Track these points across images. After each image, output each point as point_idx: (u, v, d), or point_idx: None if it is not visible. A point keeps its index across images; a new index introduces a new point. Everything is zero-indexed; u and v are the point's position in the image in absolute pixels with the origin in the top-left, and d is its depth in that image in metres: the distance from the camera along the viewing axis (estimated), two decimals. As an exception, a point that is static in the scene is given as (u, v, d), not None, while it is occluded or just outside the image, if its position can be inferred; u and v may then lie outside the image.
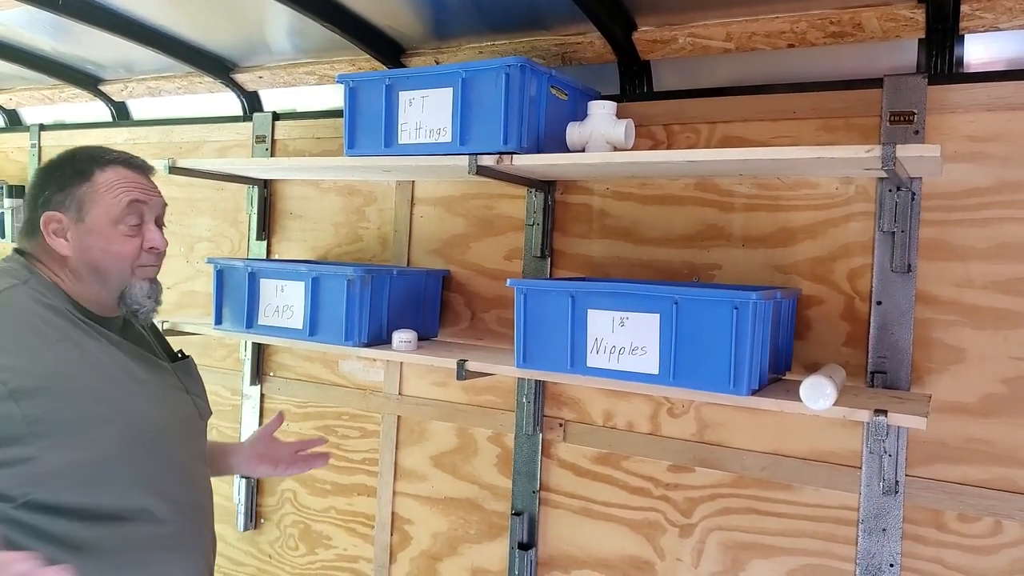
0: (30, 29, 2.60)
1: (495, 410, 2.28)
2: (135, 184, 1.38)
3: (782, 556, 1.91)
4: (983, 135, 1.70)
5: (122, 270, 1.37)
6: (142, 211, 1.38)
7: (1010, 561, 1.68)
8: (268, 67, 2.63)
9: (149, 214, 1.39)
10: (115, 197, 1.35)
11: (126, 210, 1.35)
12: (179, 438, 1.44)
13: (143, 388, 1.39)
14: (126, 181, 1.37)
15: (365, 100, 2.01)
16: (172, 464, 1.41)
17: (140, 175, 1.41)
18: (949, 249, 1.74)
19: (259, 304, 2.23)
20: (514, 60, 1.80)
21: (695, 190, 2.00)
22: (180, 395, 1.50)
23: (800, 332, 1.87)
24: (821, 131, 1.85)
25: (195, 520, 1.45)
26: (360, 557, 2.54)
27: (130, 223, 1.36)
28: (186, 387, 1.52)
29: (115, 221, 1.35)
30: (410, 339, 2.08)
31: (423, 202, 2.40)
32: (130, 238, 1.37)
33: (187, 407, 1.51)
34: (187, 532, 1.42)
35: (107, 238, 1.35)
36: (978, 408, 1.71)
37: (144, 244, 1.38)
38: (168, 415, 1.43)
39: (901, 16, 1.73)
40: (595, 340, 1.73)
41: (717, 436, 1.97)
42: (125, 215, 1.35)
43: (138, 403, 1.36)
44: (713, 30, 1.93)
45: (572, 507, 2.18)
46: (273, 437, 1.76)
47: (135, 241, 1.37)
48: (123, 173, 1.37)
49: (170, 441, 1.41)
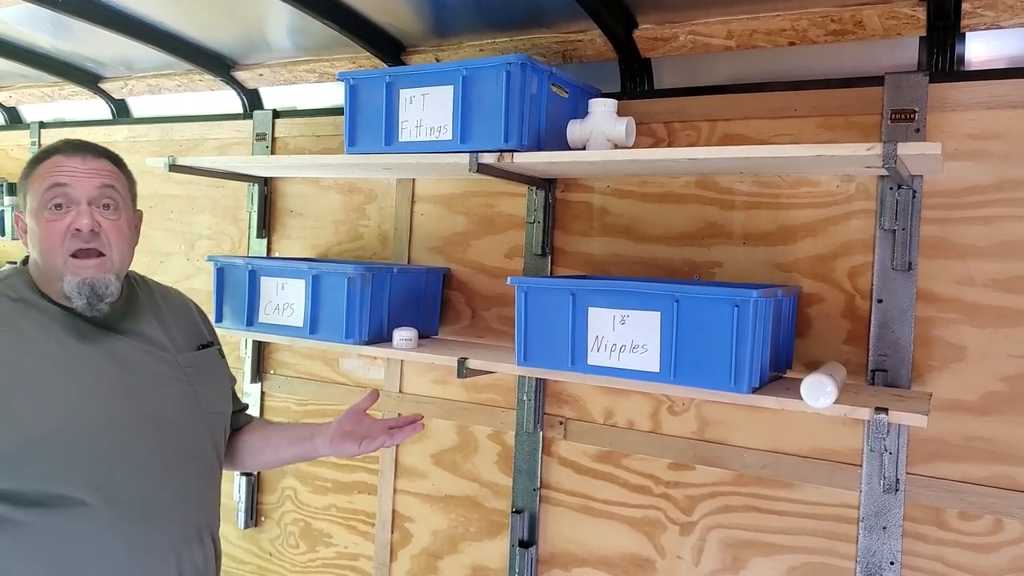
0: (30, 26, 2.60)
1: (496, 408, 2.28)
2: (61, 169, 1.37)
3: (783, 554, 1.91)
4: (984, 133, 1.70)
5: (52, 257, 1.35)
6: (67, 193, 1.35)
7: (1010, 559, 1.68)
8: (268, 65, 2.63)
9: (76, 195, 1.36)
10: (39, 183, 1.36)
11: (48, 194, 1.35)
12: (143, 431, 1.37)
13: (100, 378, 1.36)
14: (54, 167, 1.37)
15: (366, 98, 2.01)
16: (120, 457, 1.34)
17: (75, 157, 1.38)
18: (950, 247, 1.74)
19: (259, 302, 2.23)
20: (515, 58, 1.80)
21: (696, 188, 2.00)
22: (176, 387, 1.45)
23: (801, 330, 1.87)
24: (822, 129, 1.85)
25: (148, 517, 1.36)
26: (361, 555, 2.55)
27: (52, 205, 1.35)
28: (188, 378, 1.47)
29: (40, 207, 1.36)
30: (411, 337, 2.08)
31: (423, 200, 2.40)
32: (53, 222, 1.35)
33: (182, 399, 1.45)
34: (135, 529, 1.35)
35: (36, 224, 1.36)
36: (979, 406, 1.71)
37: (71, 226, 1.35)
38: (133, 407, 1.37)
39: (902, 14, 1.73)
40: (596, 338, 1.73)
41: (718, 434, 1.97)
42: (49, 200, 1.35)
43: (83, 393, 1.34)
44: (714, 28, 1.93)
45: (573, 505, 2.18)
46: (364, 414, 1.64)
47: (57, 225, 1.35)
48: (56, 160, 1.37)
49: (124, 433, 1.35)
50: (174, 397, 1.44)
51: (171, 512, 1.40)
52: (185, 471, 1.44)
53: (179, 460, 1.43)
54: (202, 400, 1.49)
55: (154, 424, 1.39)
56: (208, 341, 1.60)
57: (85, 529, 1.31)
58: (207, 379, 1.53)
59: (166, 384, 1.44)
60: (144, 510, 1.36)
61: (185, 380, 1.47)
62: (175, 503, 1.41)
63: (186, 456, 1.45)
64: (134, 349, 1.42)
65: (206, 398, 1.51)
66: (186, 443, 1.45)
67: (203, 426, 1.50)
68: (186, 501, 1.44)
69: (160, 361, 1.45)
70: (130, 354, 1.41)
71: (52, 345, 1.35)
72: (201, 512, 1.48)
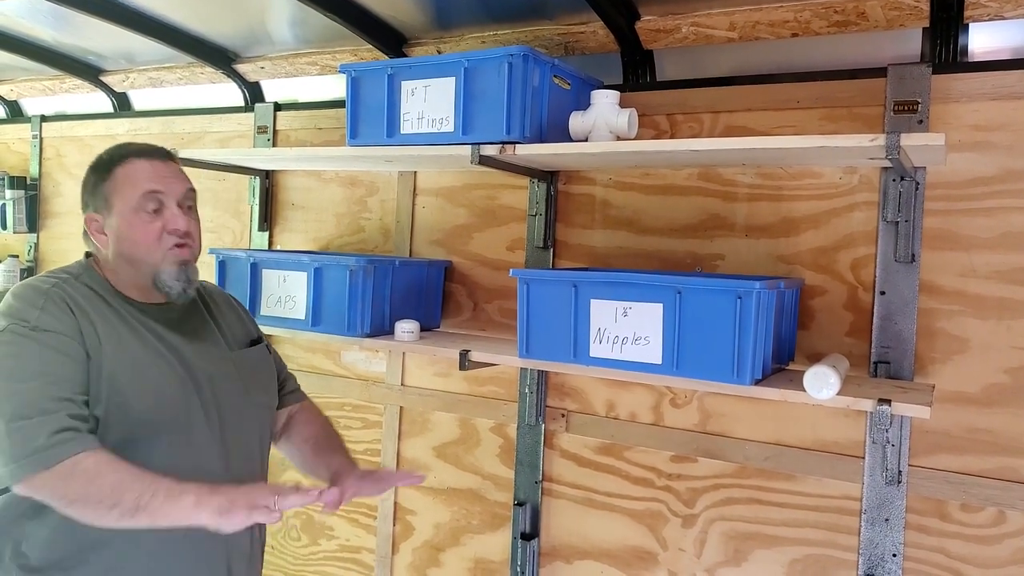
0: (31, 20, 2.59)
1: (498, 400, 2.28)
2: (151, 173, 1.48)
3: (785, 546, 1.91)
4: (987, 124, 1.70)
5: (149, 254, 1.46)
6: (160, 198, 1.47)
7: (1013, 551, 1.68)
8: (270, 57, 2.62)
9: (168, 199, 1.48)
10: (132, 188, 1.46)
11: (143, 199, 1.45)
12: (209, 422, 1.46)
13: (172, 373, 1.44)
14: (142, 171, 1.48)
15: (367, 90, 2.01)
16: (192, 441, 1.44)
17: (157, 163, 1.50)
18: (953, 239, 1.73)
19: (261, 295, 2.23)
20: (517, 50, 1.80)
21: (698, 180, 2.00)
22: (229, 383, 1.52)
23: (803, 322, 1.87)
24: (825, 120, 1.85)
25: None
26: (363, 547, 2.55)
27: (149, 209, 1.46)
28: (240, 374, 1.55)
29: (136, 209, 1.45)
30: (412, 330, 2.08)
31: (425, 192, 2.40)
32: (150, 223, 1.46)
33: (235, 394, 1.53)
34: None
35: (131, 226, 1.45)
36: (981, 398, 1.71)
37: (167, 226, 1.46)
38: (199, 400, 1.46)
39: (905, 5, 1.72)
40: (598, 330, 1.73)
41: (720, 426, 1.97)
42: (144, 202, 1.45)
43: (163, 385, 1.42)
44: (716, 19, 1.92)
45: (575, 497, 2.18)
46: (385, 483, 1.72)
47: (155, 225, 1.46)
48: (138, 164, 1.48)
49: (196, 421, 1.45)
50: (228, 391, 1.53)
51: None
52: (239, 463, 1.53)
53: (235, 452, 1.52)
54: (252, 396, 1.58)
55: (217, 416, 1.49)
56: (257, 337, 1.68)
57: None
58: (258, 375, 1.62)
59: (222, 379, 1.52)
60: None
61: (237, 376, 1.55)
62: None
63: (240, 448, 1.54)
64: (195, 346, 1.51)
65: (255, 393, 1.59)
66: (240, 436, 1.54)
67: (254, 421, 1.58)
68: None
69: (216, 358, 1.53)
70: (193, 350, 1.50)
71: (132, 339, 1.44)
72: None
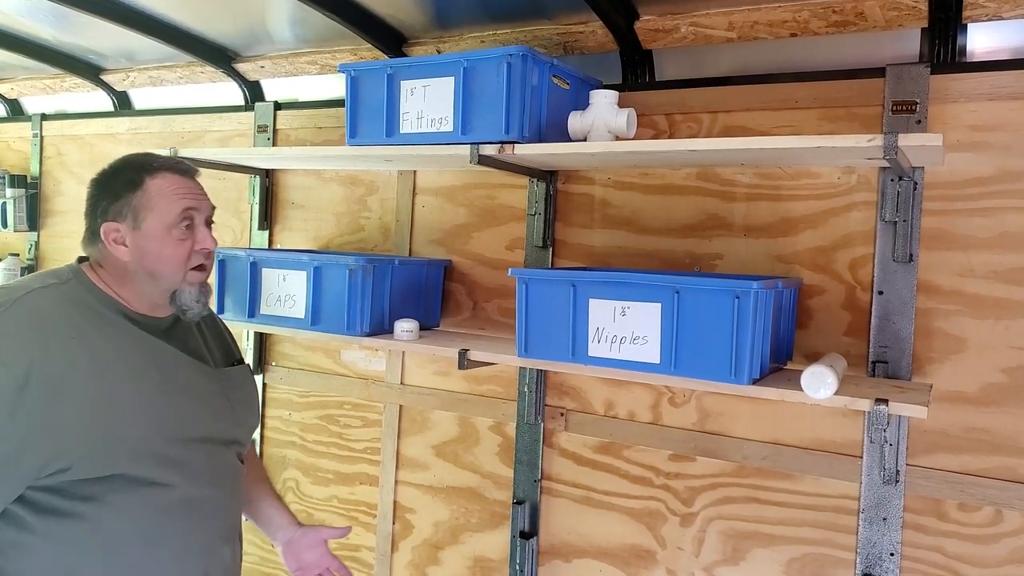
0: (32, 18, 2.59)
1: (497, 399, 2.29)
2: (185, 190, 1.44)
3: (783, 545, 1.91)
4: (985, 124, 1.70)
5: (175, 272, 1.43)
6: (192, 216, 1.44)
7: (1010, 550, 1.68)
8: (270, 56, 2.63)
9: (199, 217, 1.45)
10: (168, 204, 1.41)
11: (179, 216, 1.42)
12: (195, 434, 1.45)
13: (162, 387, 1.41)
14: (176, 187, 1.43)
15: (367, 89, 2.01)
16: (182, 454, 1.42)
17: (188, 179, 1.47)
18: (951, 239, 1.74)
19: (261, 294, 2.23)
20: (516, 49, 1.80)
21: (697, 180, 2.00)
22: (215, 399, 1.51)
23: (801, 322, 1.87)
24: (823, 120, 1.85)
25: (190, 516, 1.45)
26: (362, 546, 2.56)
27: (183, 227, 1.42)
28: (227, 393, 1.54)
29: (169, 227, 1.41)
30: (412, 329, 2.08)
31: (425, 192, 2.40)
32: (182, 241, 1.43)
33: (222, 414, 1.52)
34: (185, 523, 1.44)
35: (162, 243, 1.41)
36: (979, 397, 1.71)
37: (196, 246, 1.44)
38: (190, 414, 1.45)
39: (904, 5, 1.72)
40: (596, 329, 1.73)
41: (718, 425, 1.98)
42: (179, 220, 1.42)
43: (152, 398, 1.39)
44: (715, 19, 1.92)
45: (573, 496, 2.18)
46: (324, 544, 1.82)
47: (187, 244, 1.43)
48: (172, 179, 1.43)
49: (184, 434, 1.43)
50: (215, 407, 1.51)
51: (211, 511, 1.49)
52: (223, 477, 1.52)
53: (220, 467, 1.51)
54: (237, 413, 1.57)
55: (204, 430, 1.47)
56: (239, 358, 1.68)
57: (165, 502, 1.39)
58: (241, 393, 1.61)
59: (210, 396, 1.51)
60: (193, 508, 1.44)
61: (222, 393, 1.53)
62: (216, 505, 1.50)
63: (225, 463, 1.53)
64: (185, 361, 1.48)
65: (239, 411, 1.58)
66: (224, 451, 1.53)
67: (236, 437, 1.57)
68: (223, 503, 1.53)
69: (204, 374, 1.52)
70: (181, 364, 1.48)
71: (124, 351, 1.39)
72: (236, 514, 1.59)
